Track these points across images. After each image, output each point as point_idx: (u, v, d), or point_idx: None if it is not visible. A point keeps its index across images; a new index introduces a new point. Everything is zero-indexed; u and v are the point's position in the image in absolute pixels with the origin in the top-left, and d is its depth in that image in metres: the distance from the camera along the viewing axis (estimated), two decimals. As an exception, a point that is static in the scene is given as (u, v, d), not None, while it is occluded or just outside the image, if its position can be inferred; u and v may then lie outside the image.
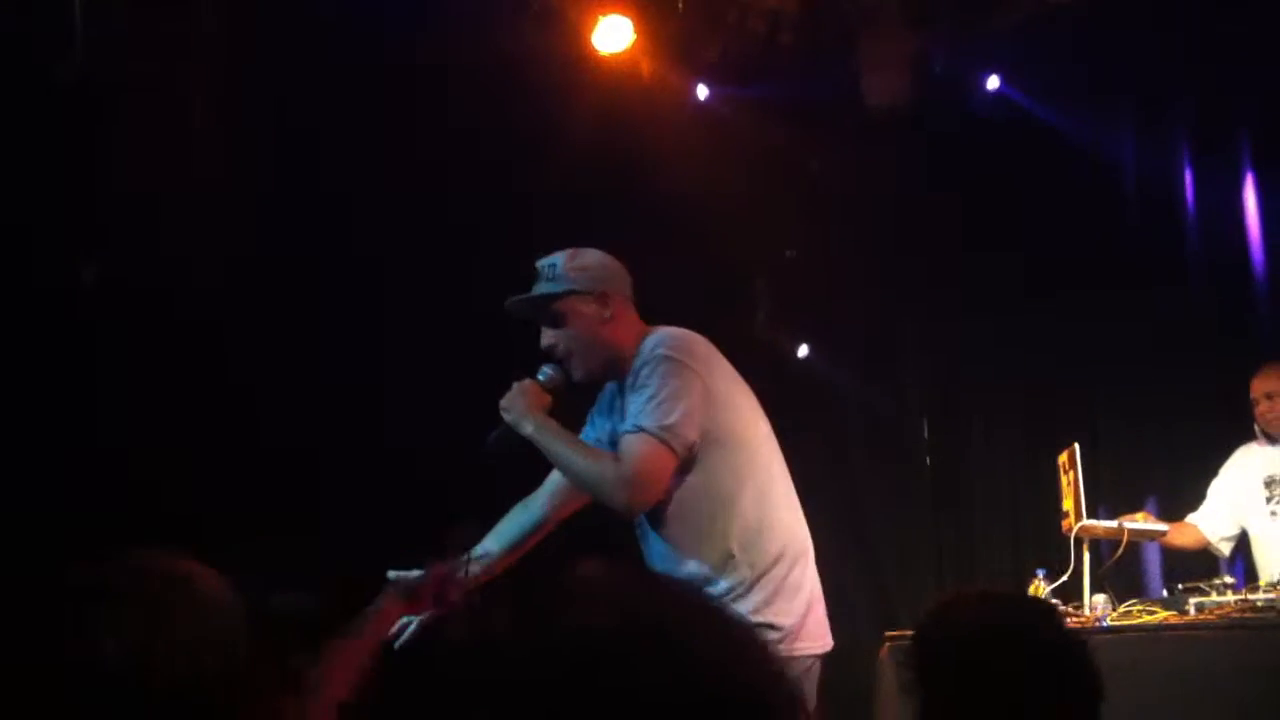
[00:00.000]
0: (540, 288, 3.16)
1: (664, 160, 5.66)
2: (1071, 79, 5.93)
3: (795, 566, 3.08)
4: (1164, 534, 4.86)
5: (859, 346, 6.33)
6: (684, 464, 3.02)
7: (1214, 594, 4.15)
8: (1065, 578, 4.41)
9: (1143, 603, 4.32)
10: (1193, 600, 4.13)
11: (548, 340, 3.15)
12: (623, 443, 3.01)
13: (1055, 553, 4.66)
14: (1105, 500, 5.28)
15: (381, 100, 5.15)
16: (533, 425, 3.06)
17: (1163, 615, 4.15)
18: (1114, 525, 4.65)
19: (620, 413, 3.13)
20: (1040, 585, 4.37)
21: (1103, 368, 6.04)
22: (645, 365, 3.02)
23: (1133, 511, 4.89)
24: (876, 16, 5.77)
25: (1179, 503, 5.16)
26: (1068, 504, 4.68)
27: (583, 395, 3.30)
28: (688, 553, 3.06)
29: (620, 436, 3.04)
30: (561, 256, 3.17)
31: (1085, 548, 4.50)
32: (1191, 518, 4.99)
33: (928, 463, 6.28)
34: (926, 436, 6.29)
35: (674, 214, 5.63)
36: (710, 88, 6.10)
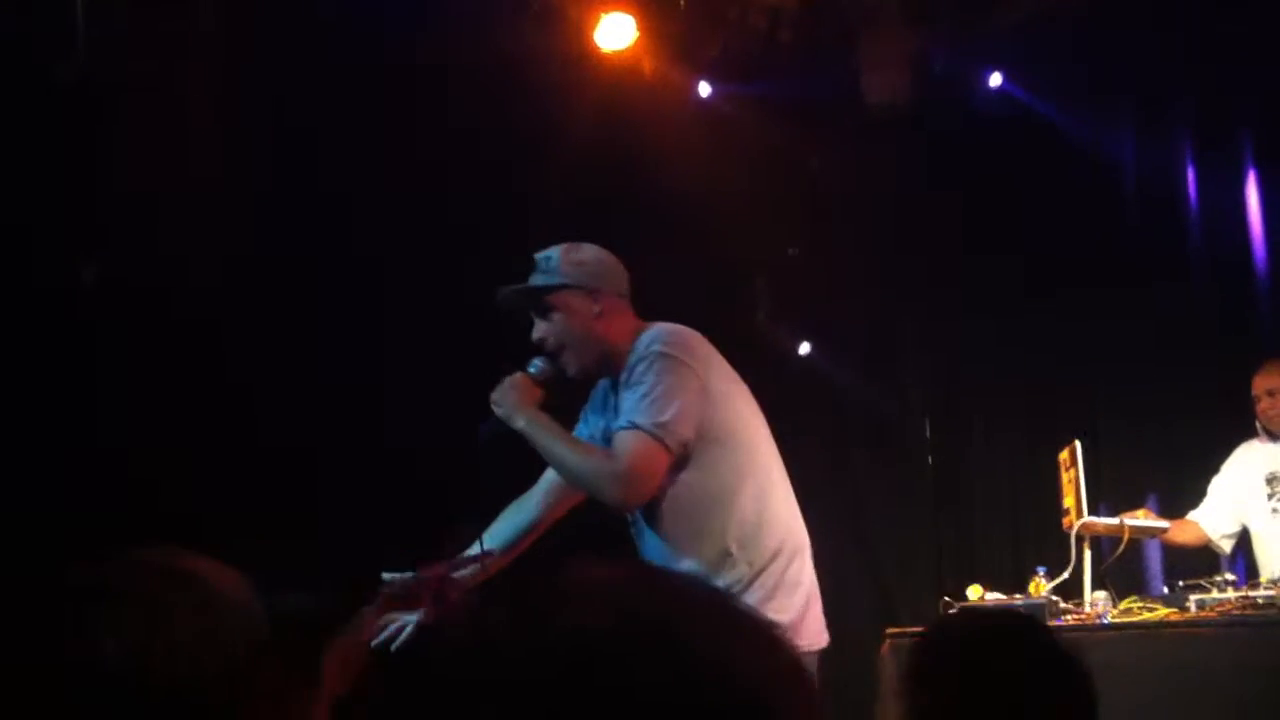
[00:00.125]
0: (534, 279, 3.15)
1: (665, 158, 5.65)
2: (1072, 78, 5.93)
3: (793, 563, 3.08)
4: (1165, 531, 4.86)
5: (860, 345, 6.32)
6: (680, 461, 3.01)
7: (1215, 591, 4.15)
8: (1066, 575, 4.41)
9: (1143, 600, 4.31)
10: (1193, 597, 4.14)
11: (539, 333, 3.14)
12: (616, 439, 3.00)
13: (1056, 551, 4.66)
14: (1106, 497, 5.27)
15: (381, 99, 5.15)
16: (524, 419, 3.05)
17: (1163, 612, 4.15)
18: (1115, 522, 4.64)
19: (614, 409, 3.11)
20: (1041, 583, 4.37)
21: (1104, 366, 6.04)
22: (641, 361, 3.01)
23: (1133, 509, 4.89)
24: (877, 14, 5.77)
25: (1180, 500, 5.15)
26: (1068, 501, 4.68)
27: (576, 393, 3.29)
28: (685, 551, 3.05)
29: (614, 433, 3.02)
30: (558, 250, 3.16)
31: (1086, 545, 4.49)
32: (1192, 515, 4.99)
33: (929, 461, 6.28)
34: (928, 435, 6.29)
35: (675, 211, 5.63)
36: (712, 85, 6.10)
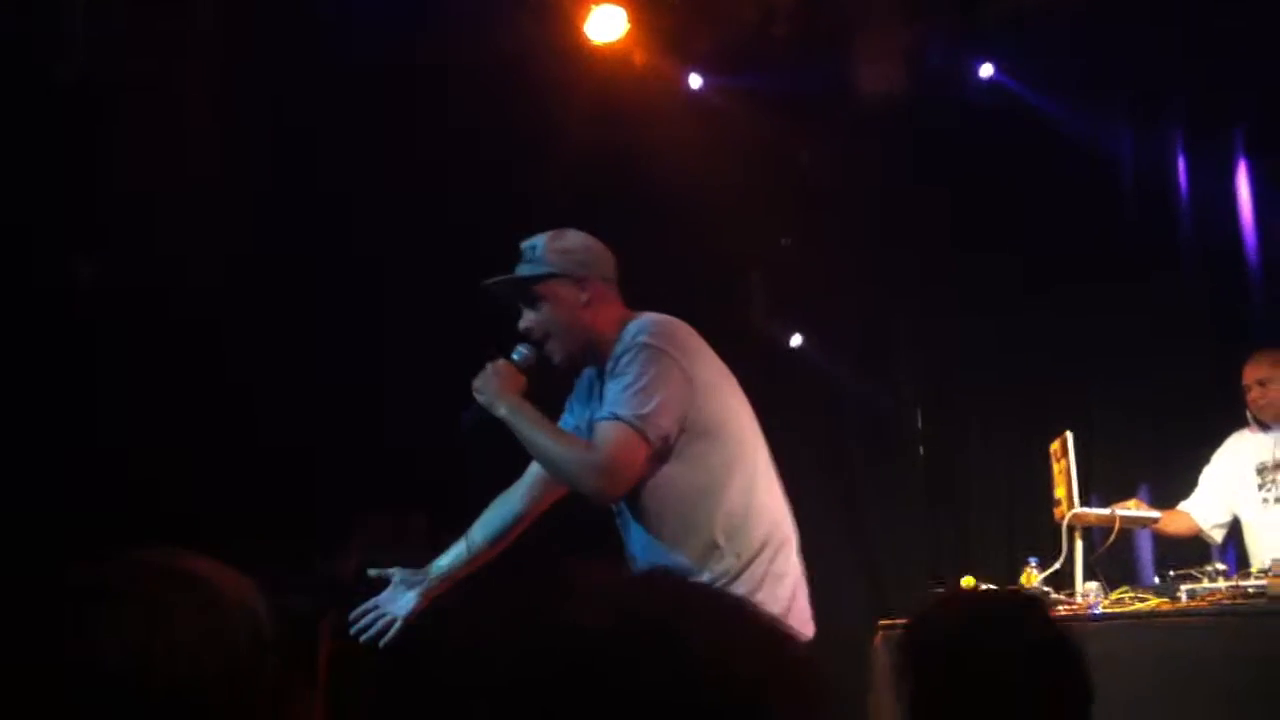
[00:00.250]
0: (520, 269, 3.15)
1: (657, 151, 5.65)
2: (1066, 72, 5.93)
3: (780, 554, 3.08)
4: (1156, 521, 4.88)
5: (853, 339, 6.33)
6: (664, 454, 3.00)
7: (1205, 581, 4.16)
8: (1057, 565, 4.43)
9: (1134, 590, 4.33)
10: (1184, 587, 4.15)
11: (526, 323, 3.13)
12: (597, 429, 2.99)
13: (1049, 543, 4.68)
14: (1098, 489, 5.30)
15: (377, 97, 5.16)
16: (506, 407, 3.03)
17: (1154, 602, 4.17)
18: (1106, 513, 4.66)
19: (599, 398, 3.10)
20: (1032, 573, 4.39)
21: (1096, 358, 6.05)
22: (626, 352, 3.00)
23: (1125, 499, 4.91)
24: (870, 6, 5.77)
25: (1171, 491, 5.17)
26: (1059, 492, 4.70)
27: (562, 383, 3.30)
28: (671, 543, 3.05)
29: (595, 423, 3.02)
30: (543, 238, 3.15)
31: (1077, 535, 4.52)
32: (1184, 505, 5.01)
33: (921, 453, 6.30)
34: (920, 427, 6.30)
35: (667, 205, 5.64)
36: (703, 78, 6.09)
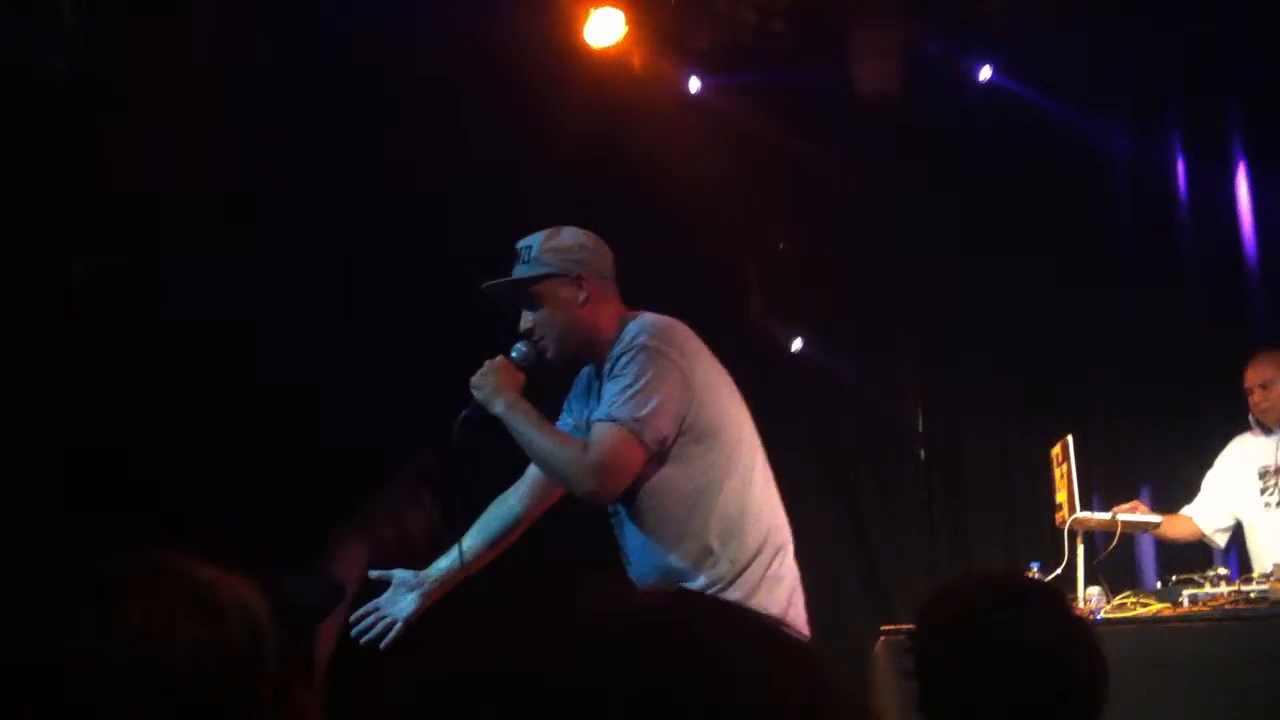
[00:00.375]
0: (517, 270, 3.13)
1: (656, 152, 5.65)
2: (1065, 74, 5.93)
3: (776, 558, 3.07)
4: (1157, 526, 4.87)
5: (854, 340, 6.32)
6: (661, 456, 2.99)
7: (1208, 585, 4.16)
8: (1059, 570, 4.42)
9: (1137, 595, 4.33)
10: (1186, 592, 4.15)
11: (526, 323, 3.11)
12: (593, 431, 2.98)
13: (1050, 546, 4.67)
14: (1099, 492, 5.29)
15: (377, 98, 5.16)
16: (503, 404, 3.01)
17: (1157, 607, 4.17)
18: (1107, 517, 4.65)
19: (597, 397, 3.08)
20: (1035, 578, 4.38)
21: (1097, 361, 6.05)
22: (625, 353, 2.98)
23: (1126, 501, 4.90)
24: (868, 7, 5.76)
25: (1172, 495, 5.17)
26: (1061, 496, 4.69)
27: (561, 382, 3.29)
28: (666, 546, 3.04)
29: (592, 424, 3.01)
30: (538, 238, 3.13)
31: (1079, 540, 4.51)
32: (1186, 510, 4.99)
33: (922, 457, 6.29)
34: (921, 431, 6.29)
35: (666, 206, 5.62)
36: (701, 78, 6.08)
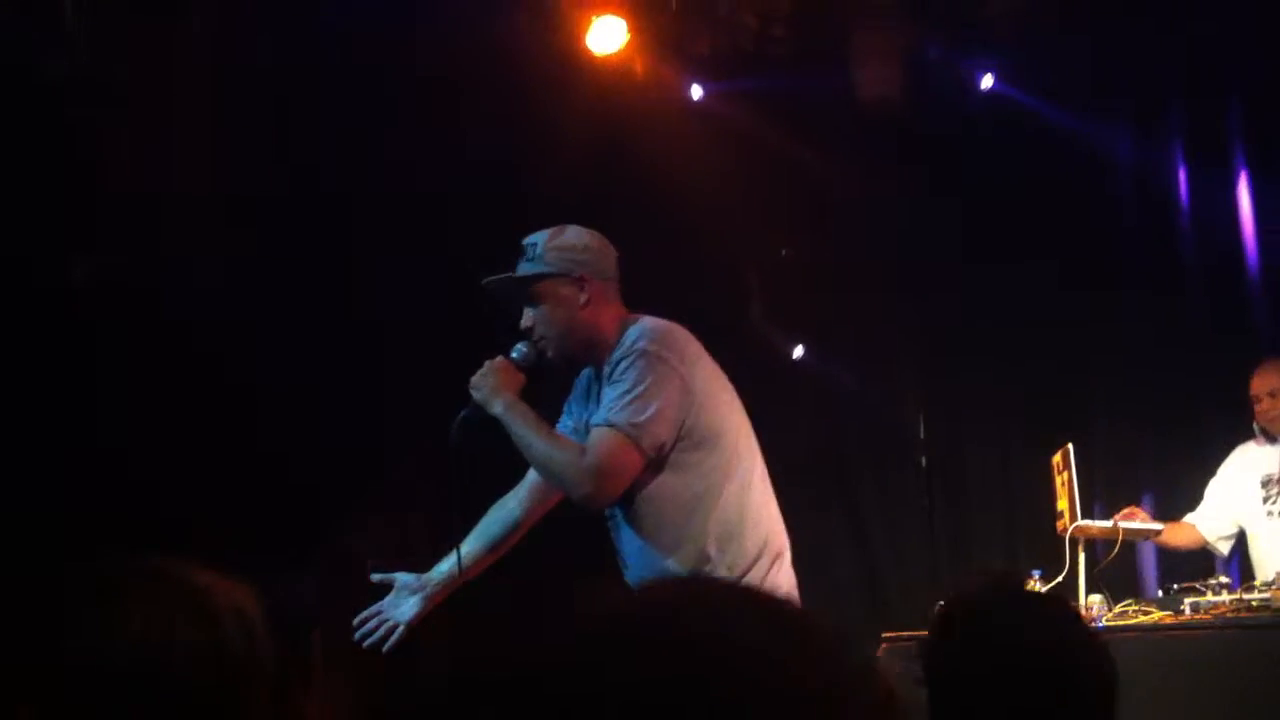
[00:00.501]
0: (521, 267, 3.12)
1: (657, 156, 5.65)
2: (1067, 79, 5.93)
3: (774, 565, 3.06)
4: (1158, 533, 4.86)
5: (854, 345, 6.32)
6: (659, 462, 2.98)
7: (1209, 594, 4.15)
8: (1061, 578, 4.41)
9: (1138, 603, 4.32)
10: (1188, 600, 4.13)
11: (527, 322, 3.11)
12: (591, 435, 2.98)
13: (1051, 553, 4.66)
14: (1100, 500, 5.28)
15: (377, 98, 5.16)
16: (501, 405, 3.00)
17: (1158, 615, 4.15)
18: (1109, 525, 4.65)
19: (596, 400, 3.08)
20: (1036, 586, 4.37)
21: (1098, 368, 6.05)
22: (625, 358, 2.98)
23: (1127, 506, 4.88)
24: (868, 11, 5.75)
25: (1173, 502, 5.16)
26: (1062, 504, 4.68)
27: (561, 384, 3.28)
28: (663, 551, 3.03)
29: (591, 428, 3.00)
30: (543, 236, 3.12)
31: (1080, 548, 4.50)
32: (1189, 517, 4.98)
33: (924, 464, 6.28)
34: (923, 438, 6.29)
35: (669, 212, 5.63)
36: (703, 84, 6.09)
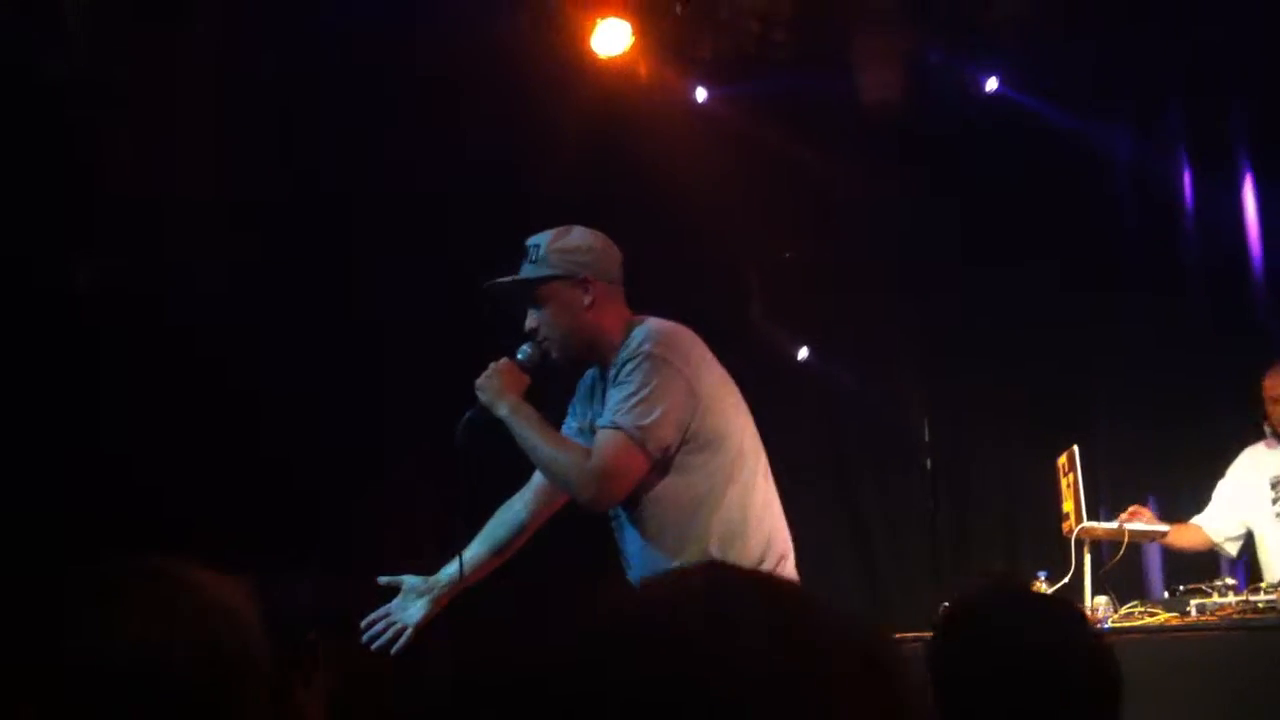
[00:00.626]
0: (524, 269, 3.12)
1: (660, 158, 5.65)
2: (1069, 80, 5.93)
3: (778, 567, 3.04)
4: (1164, 535, 4.84)
5: (857, 346, 6.32)
6: (664, 464, 2.99)
7: (1215, 595, 4.13)
8: (1066, 580, 4.40)
9: (1144, 604, 4.30)
10: (1194, 602, 4.12)
11: (531, 323, 3.10)
12: (596, 437, 2.98)
13: (1054, 555, 4.65)
14: (1105, 501, 5.27)
15: (377, 99, 5.15)
16: (506, 407, 3.00)
17: (1164, 617, 4.14)
18: (1114, 526, 4.63)
19: (601, 401, 3.08)
20: (1041, 587, 4.36)
21: (1102, 369, 6.04)
22: (630, 360, 2.98)
23: (1131, 507, 4.87)
24: (870, 14, 5.75)
25: (1179, 501, 5.15)
26: (1068, 506, 4.67)
27: (565, 386, 3.27)
28: (666, 552, 3.03)
29: (596, 430, 3.00)
30: (546, 237, 3.12)
31: (1086, 549, 4.49)
32: (1197, 519, 4.95)
33: (928, 465, 6.27)
34: (927, 439, 6.28)
35: (672, 214, 5.63)
36: (706, 88, 6.09)
